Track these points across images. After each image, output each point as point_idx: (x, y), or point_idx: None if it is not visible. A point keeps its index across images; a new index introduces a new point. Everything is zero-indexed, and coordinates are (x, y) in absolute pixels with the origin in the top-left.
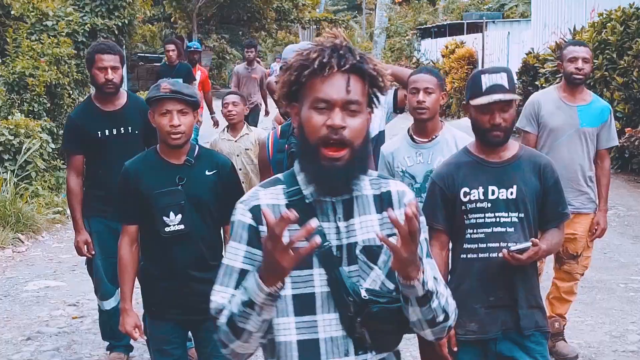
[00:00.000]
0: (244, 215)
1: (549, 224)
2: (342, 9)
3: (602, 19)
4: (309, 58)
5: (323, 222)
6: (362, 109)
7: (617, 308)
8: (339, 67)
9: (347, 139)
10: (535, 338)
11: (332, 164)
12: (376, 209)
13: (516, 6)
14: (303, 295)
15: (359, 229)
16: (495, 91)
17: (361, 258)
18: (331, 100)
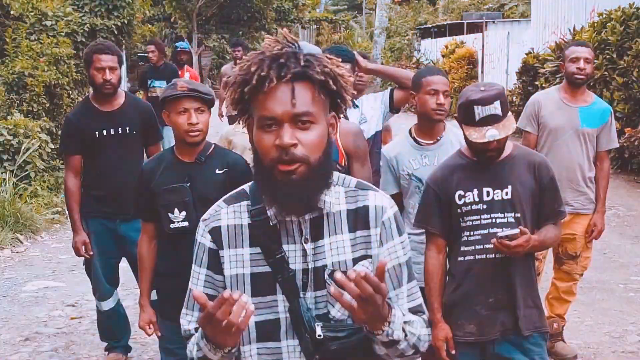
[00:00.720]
0: (204, 237)
1: (545, 222)
2: (343, 8)
3: (602, 19)
4: (249, 72)
5: (289, 244)
6: (316, 119)
7: (617, 308)
8: (280, 79)
9: (300, 157)
10: (534, 339)
11: (288, 179)
12: (349, 227)
13: (516, 6)
14: (267, 322)
15: (328, 251)
16: (489, 123)
17: (329, 282)
18: (276, 117)
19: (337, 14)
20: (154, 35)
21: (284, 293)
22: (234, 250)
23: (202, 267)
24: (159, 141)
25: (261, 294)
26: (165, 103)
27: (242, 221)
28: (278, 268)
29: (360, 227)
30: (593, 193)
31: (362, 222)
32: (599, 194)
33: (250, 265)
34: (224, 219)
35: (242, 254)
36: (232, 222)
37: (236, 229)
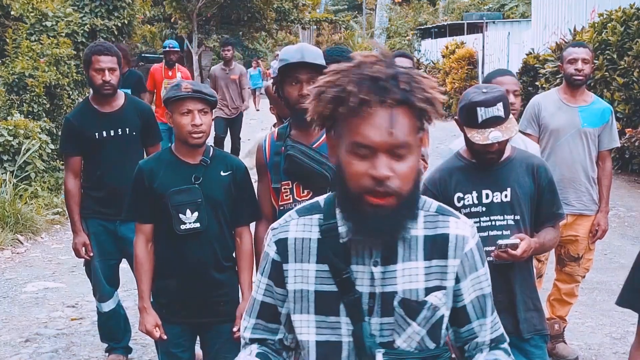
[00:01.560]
0: (270, 246)
1: (544, 225)
2: (343, 9)
3: (602, 19)
4: (344, 90)
5: (357, 264)
6: (412, 148)
7: (618, 310)
8: (382, 104)
9: (394, 189)
10: (535, 341)
11: (376, 212)
12: (425, 254)
13: (516, 6)
14: (328, 343)
15: (400, 277)
16: (492, 125)
17: (398, 311)
18: (373, 146)
19: (337, 15)
20: (154, 35)
21: (348, 315)
22: (299, 264)
23: (264, 277)
24: (158, 142)
25: (324, 313)
26: (168, 104)
27: (311, 235)
28: (345, 289)
29: (438, 255)
30: (596, 193)
31: (440, 251)
32: (602, 193)
33: (315, 282)
34: (292, 230)
35: (307, 270)
36: (301, 235)
37: (304, 242)
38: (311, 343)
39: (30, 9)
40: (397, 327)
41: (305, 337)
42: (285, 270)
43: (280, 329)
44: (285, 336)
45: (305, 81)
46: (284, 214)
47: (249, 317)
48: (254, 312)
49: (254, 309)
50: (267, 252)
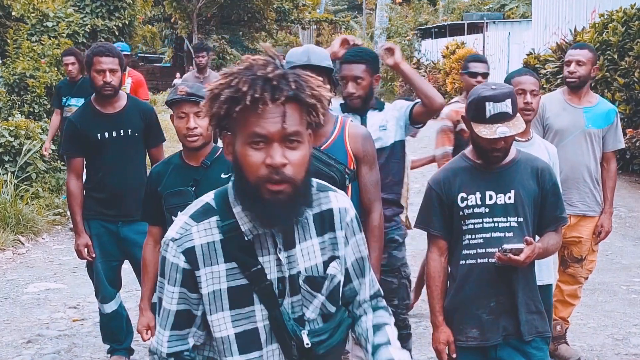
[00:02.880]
0: (177, 257)
1: (547, 228)
2: (343, 9)
3: (603, 19)
4: (239, 90)
5: (263, 256)
6: (303, 138)
7: (620, 310)
8: (273, 101)
9: (289, 176)
10: (536, 343)
11: (276, 198)
12: (317, 231)
13: (517, 7)
14: (246, 332)
15: (300, 257)
16: (500, 120)
17: (304, 288)
18: (268, 135)
19: (337, 14)
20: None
21: (262, 302)
22: (209, 268)
23: (176, 286)
24: (161, 143)
25: (239, 306)
26: (169, 107)
27: (213, 238)
28: (255, 280)
29: (328, 229)
30: (600, 195)
31: (329, 225)
32: (606, 195)
33: (227, 280)
34: (196, 238)
35: (217, 271)
36: (205, 241)
37: (209, 246)
38: (231, 337)
39: (31, 9)
40: (305, 301)
41: (225, 333)
42: (198, 276)
43: (190, 332)
44: (195, 335)
45: None
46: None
47: (163, 329)
48: (168, 324)
49: (168, 321)
50: (174, 263)
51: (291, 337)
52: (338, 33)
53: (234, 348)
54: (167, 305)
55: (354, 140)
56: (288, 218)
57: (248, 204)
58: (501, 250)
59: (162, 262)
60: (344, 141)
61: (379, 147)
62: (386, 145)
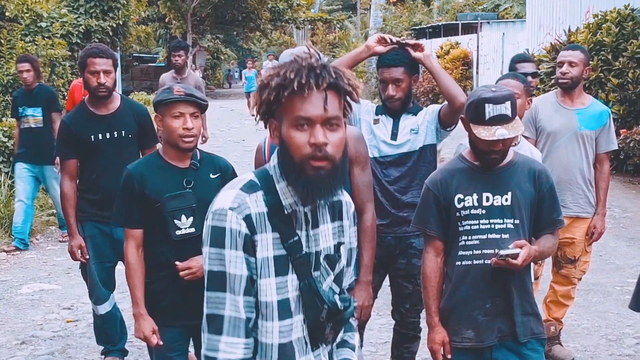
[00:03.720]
0: (239, 224)
1: (543, 231)
2: (337, 9)
3: (597, 20)
4: (286, 78)
5: (298, 230)
6: (341, 122)
7: (613, 311)
8: (317, 87)
9: (330, 155)
10: (532, 345)
11: (318, 173)
12: (330, 217)
13: (511, 7)
14: (284, 301)
15: (322, 237)
16: (499, 122)
17: (323, 265)
18: (312, 118)
19: (331, 14)
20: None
21: (295, 272)
22: (262, 234)
23: (239, 250)
24: (155, 145)
25: (280, 274)
26: (159, 107)
27: (262, 209)
28: (293, 250)
29: (337, 217)
30: (593, 196)
31: (338, 214)
32: (599, 196)
33: (274, 248)
34: (252, 207)
35: (267, 238)
36: (257, 210)
37: (260, 216)
38: (274, 303)
39: (25, 9)
40: (321, 278)
41: (270, 298)
42: (255, 241)
43: (253, 302)
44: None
45: None
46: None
47: (237, 295)
48: (241, 290)
49: (241, 286)
50: (236, 229)
51: (323, 301)
52: (332, 33)
53: (275, 314)
54: (237, 271)
55: (347, 141)
56: (327, 192)
57: (293, 180)
58: (497, 256)
59: (220, 231)
60: None
61: (407, 151)
62: (415, 149)
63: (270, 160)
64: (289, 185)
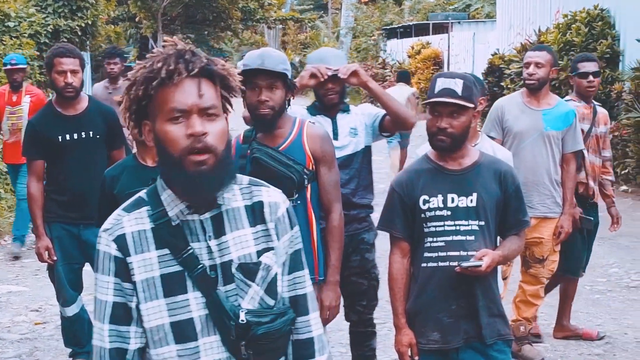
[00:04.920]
0: (109, 246)
1: (509, 231)
2: (309, 8)
3: (566, 20)
4: (153, 69)
5: (193, 242)
6: (219, 112)
7: (583, 310)
8: (188, 72)
9: (211, 145)
10: (498, 346)
11: (199, 169)
12: (249, 222)
13: (482, 7)
14: (182, 322)
15: (232, 246)
16: (445, 95)
17: (238, 276)
18: (186, 108)
19: (303, 14)
20: (119, 35)
21: (198, 289)
22: (141, 255)
23: (110, 276)
24: (123, 146)
25: (173, 294)
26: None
27: (144, 226)
28: (188, 264)
29: (260, 221)
30: (559, 196)
31: (260, 217)
32: (565, 195)
33: (160, 267)
34: (127, 226)
35: (149, 258)
36: (136, 229)
37: (140, 234)
38: (167, 326)
39: None
40: (240, 291)
41: (160, 322)
42: (130, 263)
43: (130, 331)
44: (136, 335)
45: (264, 87)
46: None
47: (102, 323)
48: (106, 317)
49: (106, 313)
50: (106, 252)
51: (230, 316)
52: (304, 33)
53: (169, 337)
54: (103, 297)
55: (313, 140)
56: (212, 189)
57: (173, 179)
58: (460, 268)
59: (96, 255)
60: (302, 142)
61: (352, 152)
62: (358, 149)
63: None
64: (172, 190)
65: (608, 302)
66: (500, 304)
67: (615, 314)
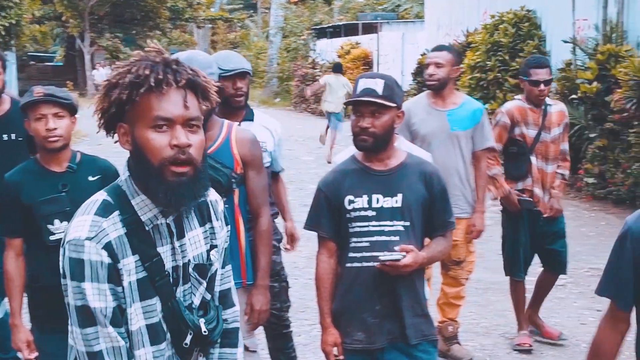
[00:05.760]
0: (100, 254)
1: (435, 232)
2: (238, 7)
3: (494, 21)
4: (139, 75)
5: (162, 245)
6: (200, 124)
7: (511, 309)
8: (176, 83)
9: (194, 157)
10: (423, 347)
11: (179, 180)
12: (199, 221)
13: (411, 7)
14: (154, 325)
15: (189, 246)
16: (366, 95)
17: (193, 275)
18: (172, 118)
19: (232, 13)
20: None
21: (158, 294)
22: (125, 260)
23: (104, 283)
24: None
25: (145, 297)
26: (25, 111)
27: (120, 232)
28: (154, 271)
29: (207, 220)
30: (471, 195)
31: (207, 216)
32: (477, 194)
33: (136, 272)
34: (110, 232)
35: (129, 263)
36: (116, 234)
37: (120, 239)
38: (142, 329)
39: None
40: (193, 289)
41: (139, 324)
42: (120, 269)
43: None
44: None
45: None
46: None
47: (104, 327)
48: (107, 320)
49: (106, 318)
50: (97, 260)
51: (188, 325)
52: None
53: (145, 339)
54: (101, 304)
55: (241, 144)
56: (191, 199)
57: (153, 188)
58: (379, 264)
59: (79, 264)
60: (230, 145)
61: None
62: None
63: (121, 175)
64: (148, 196)
65: None
66: (425, 304)
67: (544, 312)
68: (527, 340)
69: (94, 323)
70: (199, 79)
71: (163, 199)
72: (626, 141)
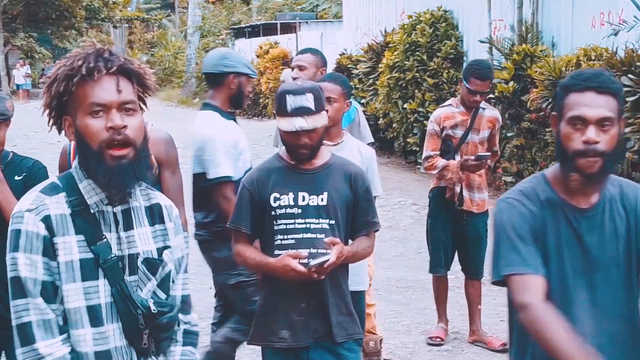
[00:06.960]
0: (36, 225)
1: (358, 232)
2: (155, 7)
3: (411, 21)
4: (73, 66)
5: (107, 232)
6: (137, 107)
7: (432, 307)
8: (107, 70)
9: (131, 138)
10: (348, 345)
11: (119, 163)
12: (149, 221)
13: (330, 7)
14: (95, 307)
15: (138, 240)
16: (300, 114)
17: (142, 269)
18: (106, 103)
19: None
20: None
21: (106, 277)
22: (63, 237)
23: (38, 255)
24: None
25: (87, 279)
26: None
27: (64, 211)
28: (102, 253)
29: (158, 221)
30: None
31: (159, 217)
32: None
33: (79, 251)
34: (51, 208)
35: (70, 241)
36: (58, 212)
37: (62, 217)
38: (82, 309)
39: None
40: (140, 283)
41: (77, 304)
42: (55, 244)
43: (56, 310)
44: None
45: None
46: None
47: (33, 298)
48: (36, 292)
49: (35, 289)
50: (33, 231)
51: (137, 305)
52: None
53: (85, 320)
54: (32, 275)
55: (156, 144)
56: (131, 181)
57: (93, 170)
58: (308, 268)
59: (16, 235)
60: None
61: None
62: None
63: (73, 163)
64: (92, 180)
65: (457, 298)
66: (350, 302)
67: (464, 310)
68: (439, 334)
69: (25, 295)
70: (132, 66)
71: (103, 180)
72: (543, 140)
